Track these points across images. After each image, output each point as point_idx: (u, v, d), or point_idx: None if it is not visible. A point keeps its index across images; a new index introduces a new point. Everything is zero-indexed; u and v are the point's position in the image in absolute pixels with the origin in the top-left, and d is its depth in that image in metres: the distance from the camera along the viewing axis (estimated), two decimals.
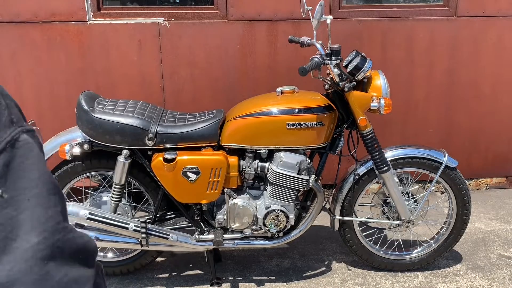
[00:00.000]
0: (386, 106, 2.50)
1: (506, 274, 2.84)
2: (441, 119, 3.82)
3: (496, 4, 3.62)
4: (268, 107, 2.53)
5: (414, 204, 2.73)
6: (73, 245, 0.59)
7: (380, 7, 3.70)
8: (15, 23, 3.34)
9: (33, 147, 0.63)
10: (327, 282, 2.79)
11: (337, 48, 2.44)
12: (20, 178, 0.57)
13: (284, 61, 3.53)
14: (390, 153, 2.66)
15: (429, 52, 3.67)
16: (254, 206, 2.60)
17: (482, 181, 4.06)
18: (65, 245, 0.58)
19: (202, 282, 2.77)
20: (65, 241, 0.58)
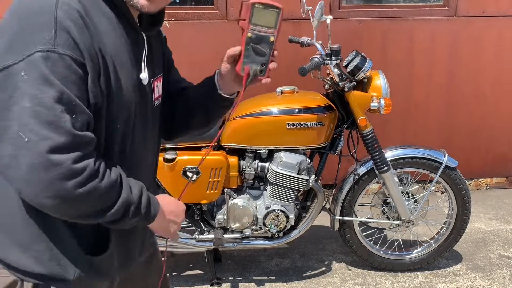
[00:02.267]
0: (386, 106, 2.50)
1: (506, 274, 2.84)
2: (441, 119, 3.82)
3: (496, 4, 3.62)
4: (268, 107, 2.53)
5: (414, 204, 2.73)
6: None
7: (380, 7, 3.70)
8: None
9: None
10: (327, 282, 2.78)
11: (337, 48, 2.44)
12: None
13: (284, 61, 3.52)
14: (390, 153, 2.66)
15: (429, 52, 3.67)
16: (254, 206, 2.60)
17: (482, 181, 4.06)
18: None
19: (202, 282, 2.77)
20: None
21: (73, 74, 0.93)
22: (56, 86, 0.91)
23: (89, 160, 0.96)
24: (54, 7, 0.93)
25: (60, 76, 0.92)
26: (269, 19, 1.13)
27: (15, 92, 0.91)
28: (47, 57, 0.91)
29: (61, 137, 0.91)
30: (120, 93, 1.05)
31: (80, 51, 0.95)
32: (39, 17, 0.93)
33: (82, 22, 0.96)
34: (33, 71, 0.90)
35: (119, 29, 1.06)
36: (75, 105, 0.94)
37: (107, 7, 1.04)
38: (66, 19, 0.93)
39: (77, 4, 0.97)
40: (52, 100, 0.90)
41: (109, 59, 1.01)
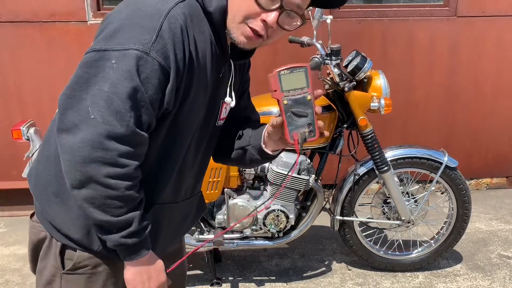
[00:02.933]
0: (386, 106, 2.50)
1: (506, 274, 2.84)
2: (441, 119, 3.82)
3: (496, 4, 3.62)
4: (268, 107, 2.52)
5: (414, 204, 2.73)
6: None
7: (380, 7, 3.70)
8: (15, 23, 3.34)
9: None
10: (327, 282, 2.78)
11: (337, 48, 2.44)
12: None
13: (284, 61, 3.52)
14: (390, 153, 2.66)
15: (429, 52, 3.67)
16: (254, 206, 2.59)
17: (482, 181, 4.06)
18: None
19: (202, 282, 2.77)
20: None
21: (156, 78, 1.03)
22: (136, 83, 1.01)
23: (134, 161, 1.04)
24: (163, 17, 1.04)
25: (144, 75, 1.02)
26: (298, 80, 1.11)
27: (100, 73, 1.01)
28: (140, 56, 1.01)
29: (121, 128, 1.00)
30: (192, 107, 1.14)
31: (170, 61, 1.04)
32: (148, 21, 1.03)
33: (181, 37, 1.05)
34: (123, 63, 1.01)
35: (212, 51, 1.15)
36: (144, 105, 1.03)
37: (207, 28, 1.13)
38: (168, 30, 1.03)
39: (183, 20, 1.07)
40: (126, 94, 1.00)
41: (194, 75, 1.10)
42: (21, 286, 2.79)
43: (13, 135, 2.46)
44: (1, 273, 2.92)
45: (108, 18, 1.08)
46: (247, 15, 1.10)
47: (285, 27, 1.14)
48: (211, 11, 1.12)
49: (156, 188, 1.18)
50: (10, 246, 3.24)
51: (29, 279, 2.85)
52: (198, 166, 1.30)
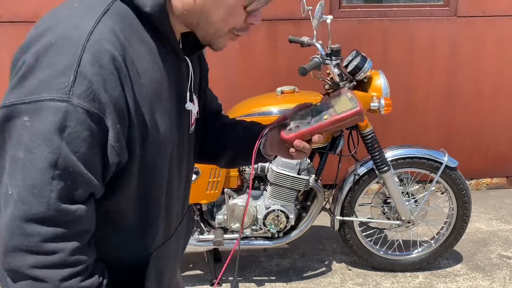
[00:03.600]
0: (386, 106, 2.50)
1: (507, 274, 2.84)
2: (441, 119, 3.82)
3: (496, 4, 3.62)
4: (268, 107, 2.52)
5: (414, 204, 2.73)
6: None
7: (380, 7, 3.70)
8: (15, 23, 3.34)
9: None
10: (327, 282, 2.78)
11: (337, 48, 2.44)
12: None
13: (284, 61, 3.53)
14: (390, 153, 2.66)
15: (429, 52, 3.67)
16: (254, 206, 2.59)
17: (482, 181, 4.06)
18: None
19: (202, 282, 2.77)
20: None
21: (86, 130, 0.79)
22: (56, 144, 0.77)
23: (68, 244, 0.80)
24: (82, 47, 0.79)
25: (67, 132, 0.78)
26: (342, 105, 1.03)
27: (13, 136, 0.79)
28: (58, 108, 0.77)
29: (41, 207, 0.77)
30: (158, 138, 0.91)
31: (101, 104, 0.79)
32: (60, 57, 0.78)
33: (112, 67, 0.81)
34: (37, 120, 0.77)
35: (161, 60, 0.91)
36: (73, 172, 0.79)
37: (148, 35, 0.89)
38: (91, 64, 0.79)
39: (111, 41, 0.82)
40: (45, 161, 0.77)
41: (146, 102, 0.87)
42: None
43: None
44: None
45: (19, 60, 0.83)
46: (235, 27, 0.95)
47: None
48: (148, 11, 0.87)
49: (147, 239, 1.00)
50: None
51: None
52: (184, 188, 1.12)
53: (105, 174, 0.85)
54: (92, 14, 0.83)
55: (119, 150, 0.83)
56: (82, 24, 0.81)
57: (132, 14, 0.87)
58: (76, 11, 0.85)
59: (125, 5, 0.87)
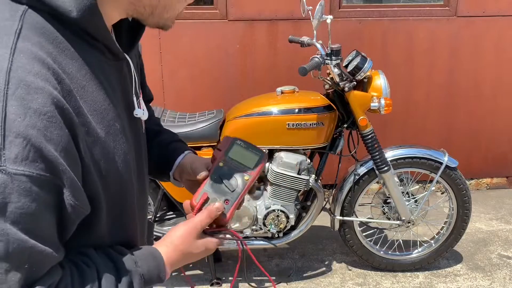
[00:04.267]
0: (386, 106, 2.50)
1: (507, 274, 2.84)
2: (441, 119, 3.82)
3: (496, 4, 3.62)
4: (268, 107, 2.52)
5: (414, 204, 2.73)
6: None
7: (380, 7, 3.70)
8: None
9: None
10: (327, 282, 2.78)
11: (337, 48, 2.44)
12: None
13: (284, 61, 3.53)
14: (390, 153, 2.66)
15: (429, 52, 3.66)
16: (254, 206, 2.59)
17: (482, 181, 4.06)
18: None
19: (202, 282, 2.77)
20: None
21: (34, 201, 0.61)
22: (0, 233, 0.59)
23: None
24: (2, 93, 0.59)
25: (10, 210, 0.59)
26: (248, 159, 0.97)
27: None
28: None
29: None
30: (118, 162, 0.77)
31: (47, 162, 0.61)
32: None
33: (51, 108, 0.62)
34: None
35: (99, 72, 0.74)
36: (31, 253, 0.62)
37: (77, 46, 0.70)
38: (22, 114, 0.59)
39: (40, 74, 0.62)
40: None
41: (97, 132, 0.71)
42: None
43: None
44: None
45: None
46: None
47: None
48: (75, 16, 0.68)
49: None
50: None
51: None
52: (144, 197, 0.98)
53: (64, 236, 0.70)
54: (0, 40, 0.62)
55: (81, 205, 0.68)
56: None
57: (52, 24, 0.67)
58: None
59: (39, 15, 0.66)
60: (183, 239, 0.85)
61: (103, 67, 0.75)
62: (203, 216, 0.87)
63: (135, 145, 0.87)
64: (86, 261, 0.73)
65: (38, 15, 0.66)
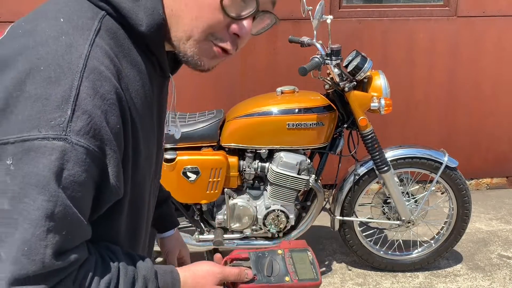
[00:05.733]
0: (386, 106, 2.50)
1: (507, 274, 2.84)
2: (441, 119, 3.82)
3: (496, 4, 3.62)
4: (268, 107, 2.52)
5: (414, 204, 2.73)
6: None
7: (380, 7, 3.70)
8: None
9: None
10: (327, 282, 2.78)
11: (337, 48, 2.44)
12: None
13: (284, 61, 3.53)
14: (390, 153, 2.66)
15: (429, 52, 3.66)
16: (254, 206, 2.59)
17: (482, 181, 4.06)
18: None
19: None
20: None
21: (85, 172, 0.68)
22: (52, 192, 0.66)
23: (65, 280, 0.70)
24: (79, 77, 0.68)
25: (66, 175, 0.67)
26: (304, 270, 0.96)
27: None
28: (53, 147, 0.65)
29: (32, 266, 0.65)
30: (146, 165, 0.86)
31: (102, 141, 0.70)
32: (53, 86, 0.66)
33: (114, 97, 0.72)
34: (25, 163, 0.65)
35: (149, 80, 0.82)
36: (71, 221, 0.68)
37: (139, 55, 0.80)
38: (91, 95, 0.68)
39: (109, 67, 0.72)
40: (38, 211, 0.65)
41: (138, 130, 0.80)
42: None
43: None
44: None
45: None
46: (211, 31, 0.79)
47: (256, 32, 0.89)
48: (144, 31, 0.77)
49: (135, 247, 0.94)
50: None
51: None
52: (152, 208, 1.03)
53: (98, 211, 0.76)
54: (83, 33, 0.72)
55: (119, 187, 0.75)
56: (75, 46, 0.70)
57: (122, 32, 0.77)
58: (63, 26, 0.71)
59: (114, 22, 0.76)
60: (204, 275, 0.88)
61: (152, 79, 0.83)
62: (233, 270, 0.90)
63: (157, 158, 0.93)
64: (111, 256, 0.78)
65: (113, 21, 0.76)
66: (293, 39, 2.60)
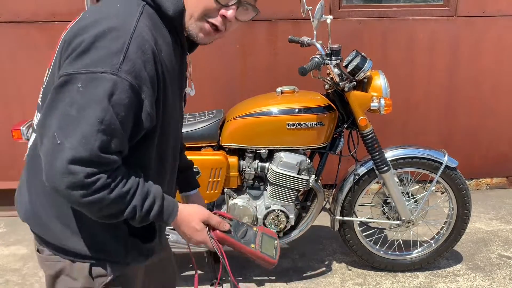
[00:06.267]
0: (386, 106, 2.50)
1: (506, 274, 2.84)
2: (441, 119, 3.82)
3: (496, 4, 3.62)
4: (268, 107, 2.52)
5: (414, 204, 2.73)
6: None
7: (380, 7, 3.70)
8: (15, 23, 3.34)
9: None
10: (327, 282, 2.78)
11: (337, 48, 2.44)
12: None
13: (284, 61, 3.53)
14: (390, 153, 2.66)
15: (429, 52, 3.66)
16: (254, 206, 2.59)
17: (482, 181, 4.06)
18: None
19: (202, 282, 2.76)
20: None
21: (127, 98, 1.04)
22: (104, 107, 1.01)
23: (103, 174, 1.05)
24: (129, 37, 1.05)
25: (114, 98, 1.02)
26: (268, 248, 1.33)
27: (67, 98, 1.02)
28: (109, 79, 1.01)
29: (85, 152, 1.01)
30: (173, 111, 1.22)
31: (141, 80, 1.05)
32: (114, 43, 1.04)
33: (150, 54, 1.07)
34: (91, 87, 1.01)
35: (174, 52, 1.19)
36: (114, 129, 1.03)
37: (167, 32, 1.17)
38: (136, 51, 1.05)
39: (149, 35, 1.09)
40: (95, 118, 1.01)
41: (167, 84, 1.15)
42: (21, 286, 2.79)
43: (13, 135, 2.47)
44: (1, 273, 2.92)
45: (76, 40, 1.06)
46: (206, 12, 1.15)
47: (241, 19, 1.22)
48: (171, 15, 1.15)
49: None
50: (10, 246, 3.24)
51: (29, 279, 2.85)
52: (176, 165, 1.40)
53: (136, 135, 1.11)
54: (133, 14, 1.10)
55: (152, 116, 1.11)
56: (129, 20, 1.08)
57: (157, 16, 1.15)
58: (121, 10, 1.11)
59: (151, 9, 1.15)
60: (196, 210, 1.26)
61: (175, 52, 1.21)
62: (216, 218, 1.28)
63: (179, 113, 1.33)
64: (136, 175, 1.14)
65: (150, 9, 1.15)
66: (293, 39, 2.60)
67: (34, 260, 3.03)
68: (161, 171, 1.26)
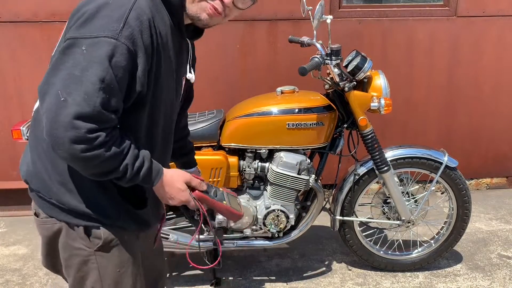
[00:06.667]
0: (386, 106, 2.50)
1: (506, 274, 2.84)
2: (441, 119, 3.82)
3: (496, 4, 3.62)
4: (268, 107, 2.52)
5: (414, 204, 2.73)
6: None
7: (380, 7, 3.70)
8: (15, 23, 3.34)
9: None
10: (327, 282, 2.78)
11: (337, 48, 2.44)
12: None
13: (284, 61, 3.53)
14: (390, 153, 2.66)
15: (429, 52, 3.67)
16: (254, 206, 2.59)
17: (482, 181, 4.06)
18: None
19: (202, 282, 2.77)
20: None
21: (125, 60, 1.15)
22: (105, 67, 1.12)
23: (102, 132, 1.15)
24: (130, 7, 1.18)
25: (114, 60, 1.13)
26: (234, 204, 1.56)
27: (71, 60, 1.13)
28: (110, 42, 1.13)
29: (88, 108, 1.11)
30: (164, 83, 1.30)
31: (137, 46, 1.17)
32: (115, 12, 1.17)
33: (147, 24, 1.20)
34: (93, 50, 1.13)
35: (172, 36, 1.30)
36: (113, 88, 1.15)
37: (166, 14, 1.29)
38: (135, 19, 1.17)
39: (147, 9, 1.22)
40: (96, 77, 1.12)
41: (162, 57, 1.26)
42: (21, 286, 2.79)
43: (13, 135, 2.47)
44: (1, 273, 2.92)
45: (80, 11, 1.20)
46: None
47: (239, 6, 1.35)
48: (171, 0, 1.29)
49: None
50: (10, 246, 3.25)
51: (29, 279, 2.85)
52: (171, 136, 1.51)
53: (129, 97, 1.21)
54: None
55: (143, 81, 1.21)
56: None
57: (159, 1, 1.28)
58: None
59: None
60: (178, 173, 1.39)
61: (174, 35, 1.32)
62: (197, 179, 1.43)
63: (174, 95, 1.41)
64: (127, 138, 1.25)
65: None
66: (293, 39, 2.60)
67: (34, 260, 3.03)
68: (149, 142, 1.36)
